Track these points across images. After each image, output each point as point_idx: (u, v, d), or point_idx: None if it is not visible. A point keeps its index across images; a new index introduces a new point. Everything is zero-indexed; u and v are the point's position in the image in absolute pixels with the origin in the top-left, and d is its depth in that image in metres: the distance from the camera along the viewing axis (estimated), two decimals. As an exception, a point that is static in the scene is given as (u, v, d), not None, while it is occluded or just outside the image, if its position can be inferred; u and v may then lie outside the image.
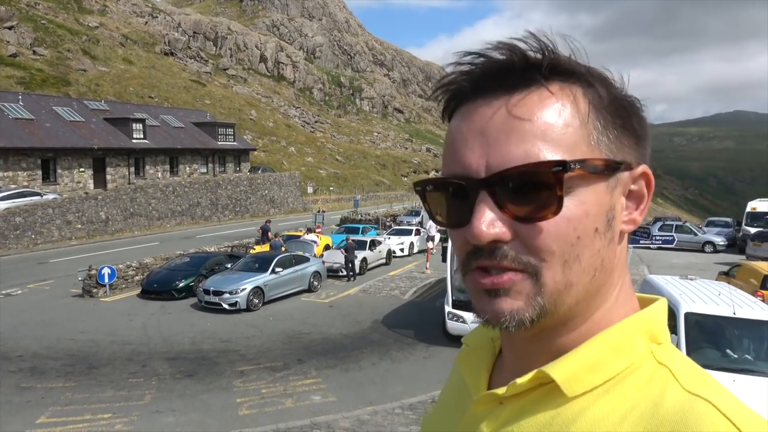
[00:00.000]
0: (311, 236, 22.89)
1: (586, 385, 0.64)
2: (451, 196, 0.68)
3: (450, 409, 0.83)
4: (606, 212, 0.65)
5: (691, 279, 9.64)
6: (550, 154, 0.62)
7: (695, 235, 28.44)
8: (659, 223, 31.27)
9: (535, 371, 0.66)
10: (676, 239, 10.35)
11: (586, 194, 0.64)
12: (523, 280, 0.63)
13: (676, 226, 29.86)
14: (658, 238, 9.69)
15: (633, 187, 0.69)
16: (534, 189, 0.62)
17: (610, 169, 0.65)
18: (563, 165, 0.61)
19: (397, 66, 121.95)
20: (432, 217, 0.72)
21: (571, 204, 0.62)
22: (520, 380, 0.66)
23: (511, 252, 0.63)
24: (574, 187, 0.63)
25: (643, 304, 0.74)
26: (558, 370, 0.65)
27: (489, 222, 0.62)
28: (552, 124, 0.63)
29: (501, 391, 0.69)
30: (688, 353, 7.48)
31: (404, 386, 10.15)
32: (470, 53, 0.68)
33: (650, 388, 0.62)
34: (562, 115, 0.64)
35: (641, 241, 7.97)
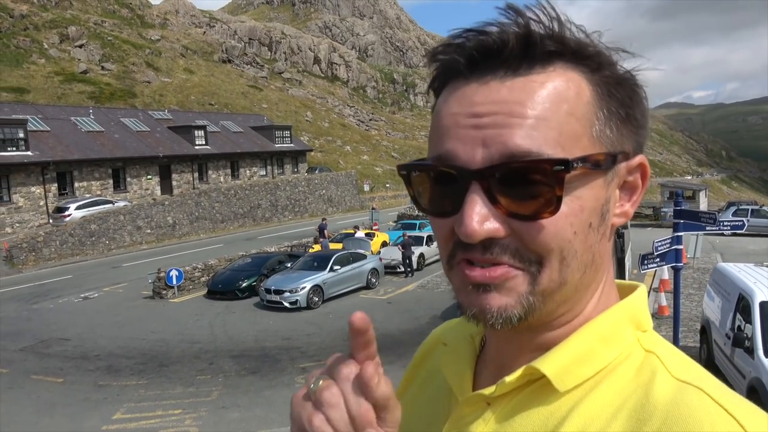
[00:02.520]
0: (360, 233, 23.06)
1: (577, 379, 0.61)
2: (438, 182, 0.62)
3: (425, 409, 0.78)
4: (601, 206, 0.62)
5: (766, 266, 9.07)
6: (550, 149, 0.57)
7: (774, 219, 26.73)
8: (733, 208, 29.62)
9: (523, 367, 0.63)
10: (747, 224, 9.76)
11: (583, 189, 0.60)
12: (517, 277, 0.60)
13: (752, 210, 28.18)
14: (726, 223, 9.15)
15: (628, 178, 0.64)
16: (533, 185, 0.57)
17: (610, 162, 0.60)
18: (566, 164, 0.56)
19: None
20: (415, 202, 0.67)
21: (568, 200, 0.58)
22: (508, 378, 0.63)
23: (511, 247, 0.59)
24: (572, 182, 0.58)
25: (623, 291, 0.71)
26: (548, 364, 0.62)
27: (482, 218, 0.58)
28: (554, 114, 0.58)
29: (488, 390, 0.65)
30: (765, 344, 7.04)
31: (464, 381, 10.07)
32: (469, 29, 0.62)
33: (640, 377, 0.60)
34: (565, 103, 0.58)
35: (707, 228, 7.54)
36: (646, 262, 8.35)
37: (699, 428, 0.52)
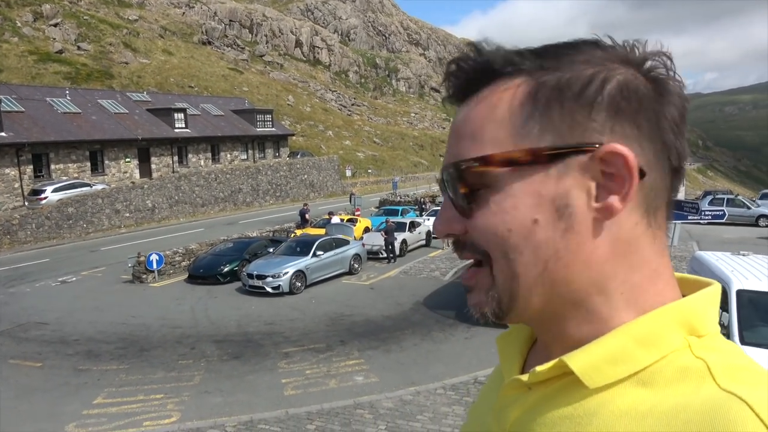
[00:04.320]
0: (335, 219, 23.01)
1: (608, 377, 0.61)
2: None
3: (491, 392, 0.82)
4: (550, 201, 0.61)
5: (743, 255, 9.25)
6: (473, 152, 0.64)
7: (748, 208, 27.30)
8: (709, 197, 30.17)
9: (556, 360, 0.64)
10: (727, 213, 9.93)
11: (515, 187, 0.62)
12: (480, 275, 0.67)
13: (728, 199, 28.72)
14: (707, 212, 9.33)
15: (608, 169, 0.61)
16: (462, 186, 0.65)
17: (540, 158, 0.61)
18: (454, 166, 0.65)
19: (433, 45, 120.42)
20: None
21: (498, 198, 0.63)
22: (540, 368, 0.65)
23: (467, 244, 0.67)
24: (499, 182, 0.63)
25: (694, 287, 0.68)
26: (576, 360, 0.62)
27: (445, 218, 0.68)
28: (479, 123, 0.65)
29: (525, 377, 0.67)
30: (741, 332, 7.20)
31: (446, 367, 10.17)
32: (451, 62, 0.72)
33: (681, 384, 0.57)
34: (489, 112, 0.65)
35: (689, 217, 7.72)
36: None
37: None
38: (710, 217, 10.55)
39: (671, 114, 0.64)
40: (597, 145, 0.61)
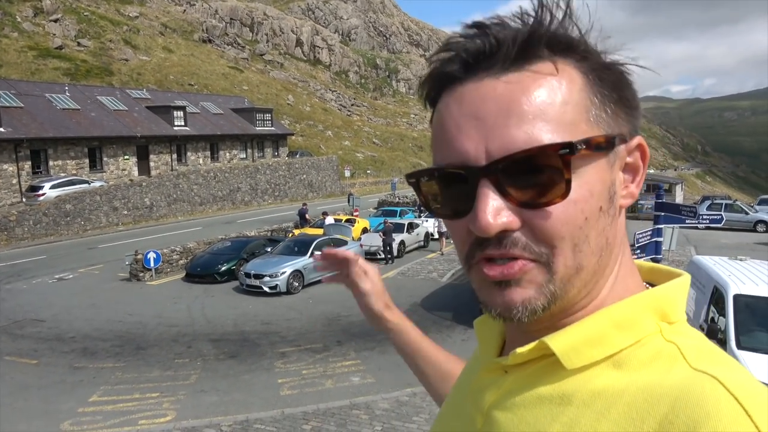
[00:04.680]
0: (329, 219, 22.98)
1: (586, 359, 0.63)
2: (449, 186, 0.65)
3: (468, 374, 0.84)
4: (608, 189, 0.64)
5: (741, 260, 9.27)
6: (552, 135, 0.59)
7: (746, 214, 27.35)
8: (707, 202, 30.21)
9: (536, 342, 0.65)
10: (725, 218, 9.92)
11: (589, 173, 0.61)
12: (534, 268, 0.62)
13: (726, 204, 28.79)
14: (705, 217, 9.37)
15: (629, 159, 0.67)
16: (540, 173, 0.59)
17: (610, 144, 0.63)
18: (570, 147, 0.58)
19: (433, 46, 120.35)
20: (428, 209, 0.70)
21: (576, 185, 0.60)
22: (520, 350, 0.66)
23: (522, 240, 0.61)
24: (577, 167, 0.60)
25: (666, 277, 0.71)
26: (557, 341, 0.64)
27: (495, 212, 0.60)
28: (550, 103, 0.60)
29: (504, 360, 0.69)
30: (737, 337, 7.22)
31: (443, 368, 10.15)
32: (460, 35, 0.66)
33: (654, 365, 0.60)
34: (559, 92, 0.61)
35: (687, 221, 7.74)
36: (625, 253, 8.47)
37: (705, 416, 0.52)
38: (708, 222, 10.58)
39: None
40: (630, 137, 0.66)
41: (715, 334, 7.56)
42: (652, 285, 0.70)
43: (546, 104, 0.60)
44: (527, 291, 0.62)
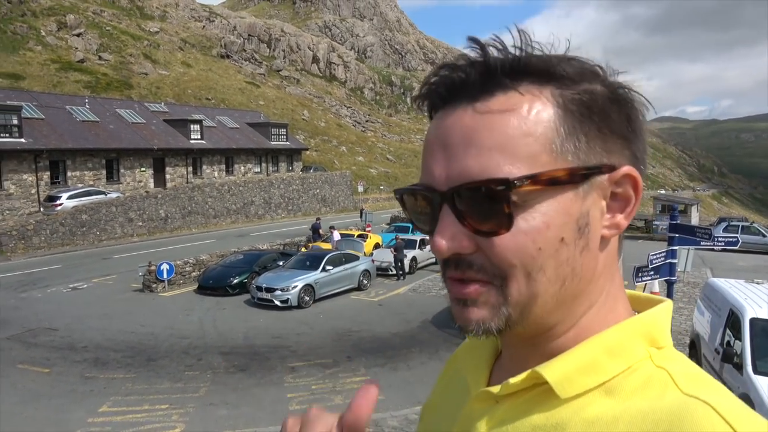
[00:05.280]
0: (336, 234, 22.89)
1: (579, 387, 0.63)
2: (424, 204, 0.68)
3: (450, 402, 0.83)
4: (575, 220, 0.63)
5: (757, 283, 9.13)
6: (507, 168, 0.60)
7: (763, 236, 26.97)
8: (723, 224, 29.85)
9: (528, 371, 0.65)
10: (741, 241, 9.78)
11: (547, 205, 0.61)
12: (488, 291, 0.64)
13: (743, 227, 28.41)
14: (720, 239, 9.25)
15: (617, 189, 0.65)
16: (487, 204, 0.61)
17: (576, 177, 0.62)
18: (506, 183, 0.59)
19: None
20: (412, 223, 0.73)
21: (528, 216, 0.61)
22: (513, 380, 0.66)
23: (476, 264, 0.63)
24: (531, 199, 0.61)
25: (649, 305, 0.71)
26: (550, 370, 0.64)
27: (449, 235, 0.63)
28: (510, 135, 0.61)
29: (495, 389, 0.68)
30: (754, 361, 7.08)
31: (453, 387, 10.06)
32: (442, 66, 0.68)
33: (646, 391, 0.60)
34: (522, 124, 0.61)
35: (702, 243, 7.67)
36: (640, 274, 8.39)
37: None
38: (724, 244, 10.42)
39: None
40: (617, 167, 0.64)
41: (730, 358, 7.43)
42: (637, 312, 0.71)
43: (506, 136, 0.61)
44: (482, 311, 0.64)
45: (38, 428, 8.45)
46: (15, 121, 29.30)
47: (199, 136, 40.05)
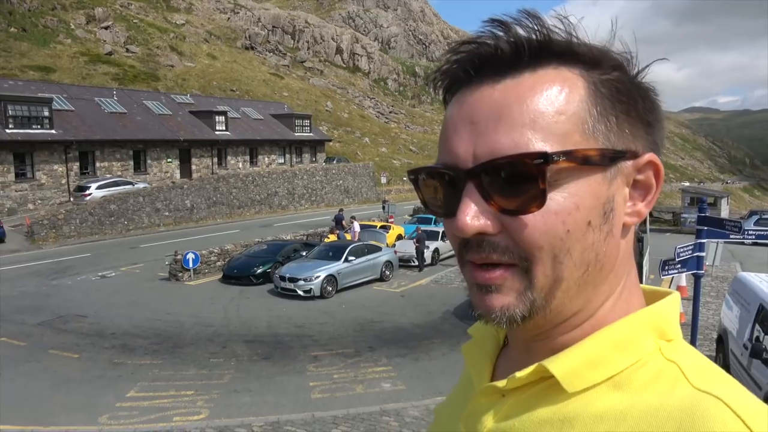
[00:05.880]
0: (356, 225, 22.97)
1: (587, 381, 0.62)
2: (443, 185, 0.66)
3: (458, 399, 0.83)
4: (602, 204, 0.62)
5: (789, 277, 8.90)
6: (539, 144, 0.59)
7: (796, 230, 26.24)
8: (755, 217, 29.12)
9: (535, 365, 0.64)
10: (773, 234, 9.62)
11: (578, 186, 0.60)
12: (513, 276, 0.62)
13: (775, 220, 27.66)
14: (751, 233, 9.02)
15: (639, 176, 0.64)
16: (519, 181, 0.59)
17: (606, 159, 0.61)
18: (545, 157, 0.58)
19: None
20: (425, 205, 0.71)
21: (559, 196, 0.60)
22: (519, 374, 0.65)
23: (500, 245, 0.62)
24: (562, 179, 0.60)
25: (654, 297, 0.69)
26: (557, 364, 0.63)
27: (473, 214, 0.61)
28: (543, 112, 0.60)
29: (501, 383, 0.67)
30: (784, 357, 6.93)
31: (474, 378, 10.05)
32: (465, 41, 0.66)
33: (656, 385, 0.59)
34: (554, 102, 0.60)
35: (731, 236, 7.49)
36: (667, 267, 8.25)
37: None
38: (754, 238, 10.15)
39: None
40: (640, 153, 0.63)
41: (760, 353, 7.28)
42: None
43: (538, 113, 0.60)
44: (507, 298, 0.62)
45: (68, 412, 8.69)
46: (46, 113, 29.96)
47: (224, 128, 40.45)
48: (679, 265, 8.25)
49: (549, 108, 0.60)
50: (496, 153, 0.60)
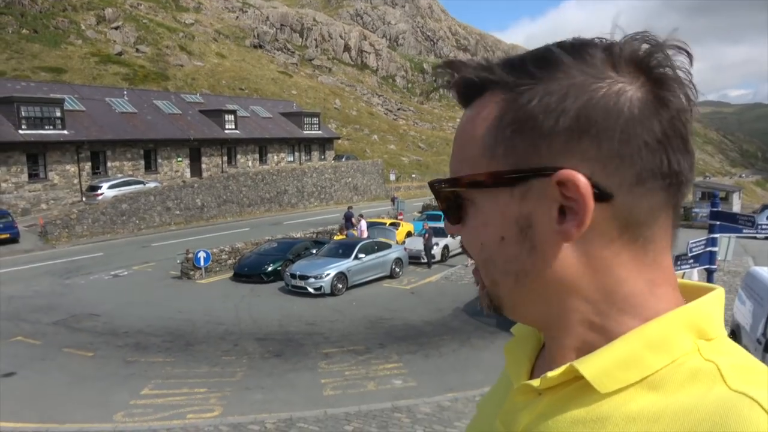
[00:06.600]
0: (363, 222, 22.88)
1: (619, 382, 0.61)
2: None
3: (498, 395, 0.83)
4: (514, 221, 0.64)
5: (803, 272, 8.82)
6: (460, 169, 0.68)
7: (810, 224, 25.93)
8: (767, 211, 28.80)
9: (566, 365, 0.64)
10: (787, 229, 9.47)
11: (486, 206, 0.66)
12: (478, 274, 0.72)
13: (789, 214, 27.33)
14: (764, 227, 8.91)
15: (567, 193, 0.61)
16: (448, 201, 0.71)
17: (502, 180, 0.63)
18: (436, 184, 0.69)
19: (481, 51, 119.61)
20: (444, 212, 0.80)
21: (471, 214, 0.68)
22: (551, 374, 0.65)
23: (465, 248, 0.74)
24: (475, 198, 0.67)
25: (696, 294, 0.68)
26: (587, 365, 0.63)
27: (450, 223, 0.73)
28: (467, 138, 0.67)
29: (536, 383, 0.67)
30: (798, 352, 6.87)
31: (485, 374, 10.07)
32: (439, 66, 0.73)
33: (692, 386, 0.58)
34: (471, 128, 0.67)
35: (744, 231, 7.43)
36: (679, 263, 8.20)
37: None
38: (767, 232, 10.06)
39: (650, 129, 0.60)
40: (553, 170, 0.60)
41: (773, 349, 7.23)
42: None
43: (465, 139, 0.68)
44: (482, 292, 0.72)
45: (83, 409, 8.80)
46: (58, 114, 30.24)
47: (233, 126, 40.62)
48: (691, 260, 8.21)
49: (467, 135, 0.67)
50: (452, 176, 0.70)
